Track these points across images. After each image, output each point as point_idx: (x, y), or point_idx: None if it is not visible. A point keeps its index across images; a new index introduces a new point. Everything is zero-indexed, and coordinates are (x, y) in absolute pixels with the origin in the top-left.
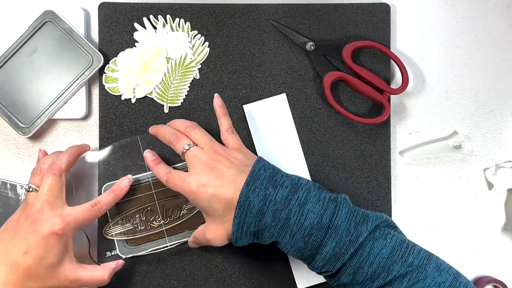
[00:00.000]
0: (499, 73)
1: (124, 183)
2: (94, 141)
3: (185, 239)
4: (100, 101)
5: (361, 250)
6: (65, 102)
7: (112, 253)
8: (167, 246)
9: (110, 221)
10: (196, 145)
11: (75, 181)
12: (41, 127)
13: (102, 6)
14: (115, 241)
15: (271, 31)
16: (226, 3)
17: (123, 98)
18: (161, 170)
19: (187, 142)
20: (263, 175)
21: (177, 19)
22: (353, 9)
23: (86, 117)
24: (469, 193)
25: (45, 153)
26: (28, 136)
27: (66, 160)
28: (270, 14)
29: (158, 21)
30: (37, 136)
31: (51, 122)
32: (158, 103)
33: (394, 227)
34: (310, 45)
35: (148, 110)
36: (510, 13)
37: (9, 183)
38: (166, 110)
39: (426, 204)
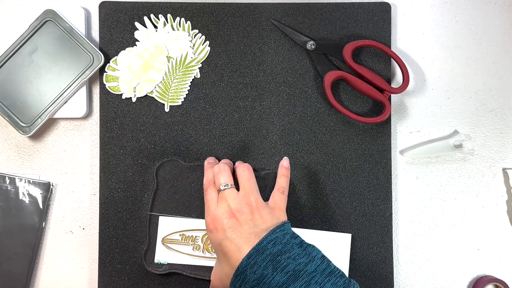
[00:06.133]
0: (499, 72)
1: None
2: (95, 140)
3: None
4: (101, 100)
5: None
6: (66, 101)
7: (162, 262)
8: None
9: (172, 231)
10: (233, 186)
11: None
12: (42, 126)
13: (102, 5)
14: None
15: (271, 30)
16: (227, 2)
17: (123, 97)
18: (207, 174)
19: (226, 181)
20: (269, 250)
21: (177, 18)
22: (353, 8)
23: (86, 116)
24: (470, 192)
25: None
26: (28, 135)
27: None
28: (271, 13)
29: (159, 20)
30: (37, 135)
31: (51, 121)
32: (159, 102)
33: None
34: (310, 44)
35: (148, 109)
36: (511, 12)
37: (8, 177)
38: (166, 109)
39: (427, 204)
